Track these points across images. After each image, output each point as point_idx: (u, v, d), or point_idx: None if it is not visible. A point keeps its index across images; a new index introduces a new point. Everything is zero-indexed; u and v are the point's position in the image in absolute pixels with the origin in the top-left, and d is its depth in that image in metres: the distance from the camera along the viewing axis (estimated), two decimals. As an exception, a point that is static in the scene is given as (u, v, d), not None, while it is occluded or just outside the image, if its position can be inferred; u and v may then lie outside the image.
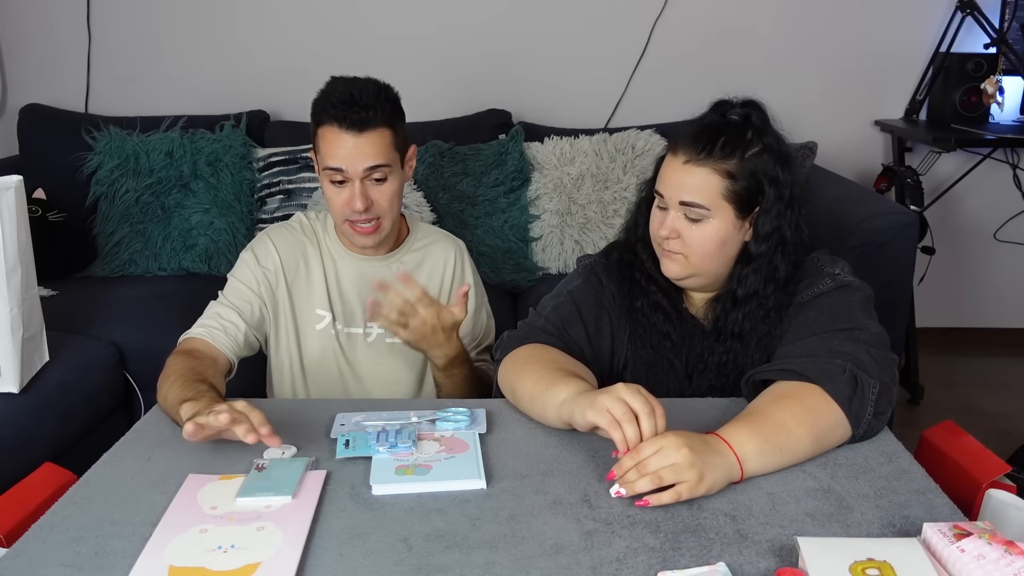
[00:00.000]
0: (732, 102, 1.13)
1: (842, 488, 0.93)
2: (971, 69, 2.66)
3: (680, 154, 1.11)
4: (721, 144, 1.09)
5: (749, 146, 1.10)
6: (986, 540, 0.74)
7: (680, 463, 0.87)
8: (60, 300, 2.06)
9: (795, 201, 1.13)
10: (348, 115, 1.28)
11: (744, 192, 1.10)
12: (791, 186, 1.12)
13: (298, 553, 0.81)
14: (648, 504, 0.88)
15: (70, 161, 2.42)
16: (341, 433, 1.06)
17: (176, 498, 0.92)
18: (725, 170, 1.09)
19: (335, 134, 1.29)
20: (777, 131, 1.14)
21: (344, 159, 1.29)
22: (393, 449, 1.00)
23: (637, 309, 1.20)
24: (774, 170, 1.11)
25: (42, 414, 1.60)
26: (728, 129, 1.10)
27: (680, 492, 0.88)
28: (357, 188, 1.30)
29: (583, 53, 2.75)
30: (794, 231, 1.13)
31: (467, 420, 1.08)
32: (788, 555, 0.81)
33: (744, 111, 1.12)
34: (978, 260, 2.95)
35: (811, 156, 2.39)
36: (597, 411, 0.93)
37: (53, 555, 0.82)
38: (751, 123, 1.11)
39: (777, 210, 1.11)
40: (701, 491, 0.88)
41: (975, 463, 1.00)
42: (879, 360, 1.03)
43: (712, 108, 1.15)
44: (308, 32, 2.71)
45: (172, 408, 1.10)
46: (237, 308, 1.37)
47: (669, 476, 0.87)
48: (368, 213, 1.32)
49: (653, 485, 0.87)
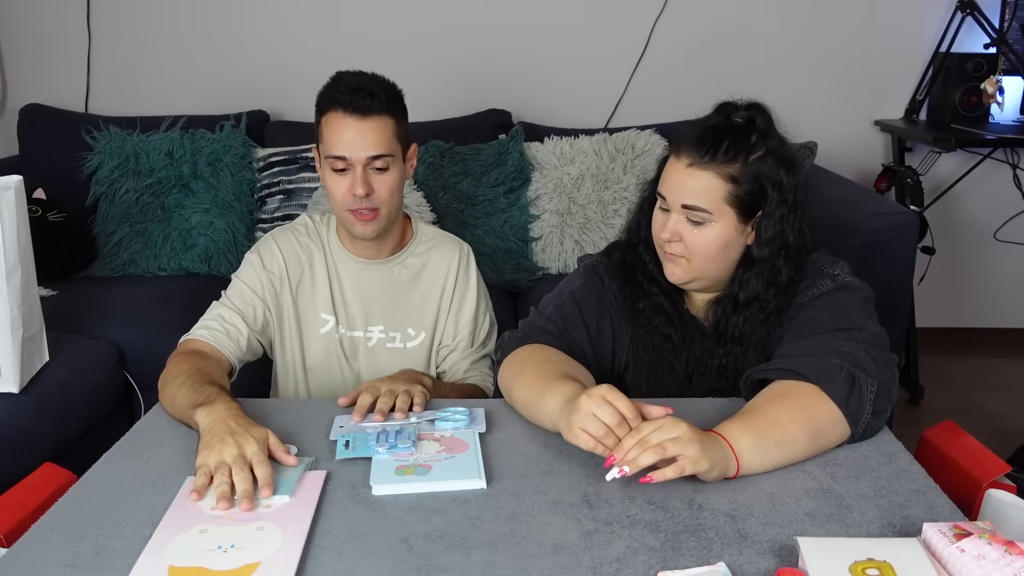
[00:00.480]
0: (736, 104, 1.13)
1: (842, 488, 0.93)
2: (971, 69, 2.66)
3: (683, 156, 1.10)
4: (725, 148, 1.08)
5: (753, 150, 1.09)
6: (986, 540, 0.74)
7: (681, 436, 0.88)
8: (60, 300, 2.06)
9: (798, 205, 1.12)
10: (354, 100, 1.29)
11: (747, 196, 1.10)
12: (794, 190, 1.11)
13: (298, 553, 0.81)
14: (652, 480, 0.88)
15: (70, 161, 2.42)
16: (341, 434, 1.06)
17: (176, 498, 0.91)
18: (728, 174, 1.08)
19: (339, 119, 1.30)
20: (781, 134, 1.13)
21: (347, 145, 1.30)
22: (393, 449, 1.00)
23: (639, 311, 1.20)
24: (778, 174, 1.10)
25: (42, 414, 1.60)
26: (732, 132, 1.10)
27: (683, 466, 0.87)
28: (359, 174, 1.30)
29: (583, 53, 2.75)
30: (797, 235, 1.12)
31: (466, 420, 1.09)
32: (788, 555, 0.81)
33: (748, 114, 1.11)
34: (978, 260, 2.95)
35: (811, 156, 2.39)
36: (574, 435, 0.93)
37: (53, 555, 0.82)
38: (755, 126, 1.11)
39: (780, 214, 1.11)
40: (704, 466, 0.88)
41: (975, 463, 1.00)
42: (878, 359, 1.03)
43: (716, 110, 1.14)
44: (308, 32, 2.71)
45: (183, 411, 1.09)
46: (240, 311, 1.36)
47: (672, 448, 0.88)
48: (368, 201, 1.32)
49: (657, 457, 0.87)
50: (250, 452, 0.95)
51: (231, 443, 0.96)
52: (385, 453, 1.00)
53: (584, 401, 0.93)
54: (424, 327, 1.45)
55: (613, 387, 0.94)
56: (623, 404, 0.92)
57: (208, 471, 0.93)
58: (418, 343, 1.45)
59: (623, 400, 0.93)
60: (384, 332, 1.44)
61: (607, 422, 0.91)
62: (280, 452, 0.99)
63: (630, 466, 0.87)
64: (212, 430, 0.99)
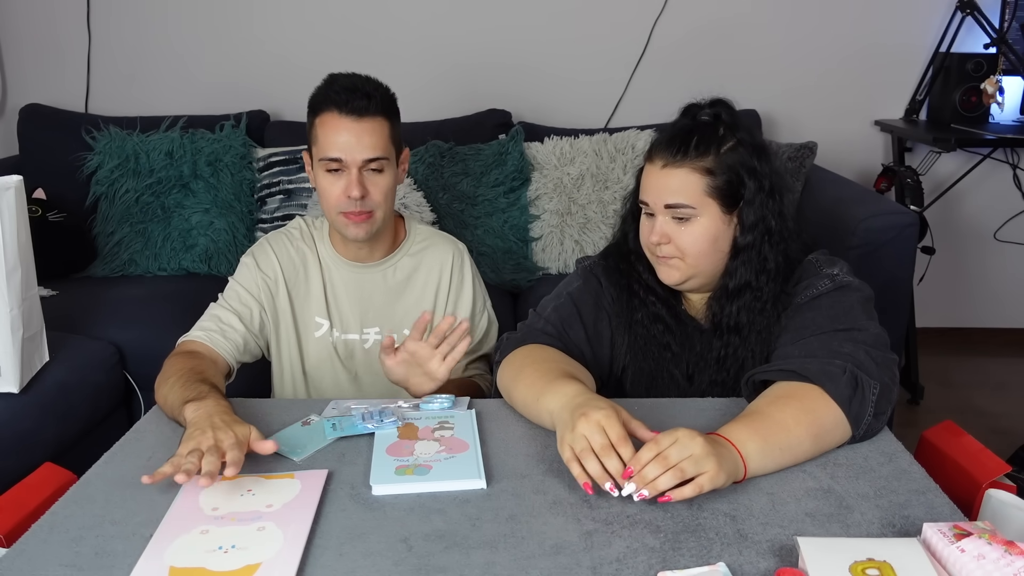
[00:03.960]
0: (700, 104, 1.15)
1: (842, 488, 0.93)
2: (971, 69, 2.66)
3: (657, 160, 1.13)
4: (695, 143, 1.10)
5: (723, 141, 1.12)
6: (986, 540, 0.74)
7: (698, 453, 0.87)
8: (60, 300, 2.06)
9: (775, 190, 1.14)
10: (350, 100, 1.28)
11: (726, 186, 1.11)
12: (770, 176, 1.14)
13: (299, 553, 0.81)
14: (670, 500, 0.87)
15: (70, 161, 2.42)
16: (327, 418, 1.07)
17: (177, 499, 0.91)
18: (703, 167, 1.10)
19: (335, 120, 1.29)
20: (749, 125, 1.16)
21: (342, 146, 1.29)
22: (381, 426, 1.04)
23: (637, 321, 1.20)
24: (751, 161, 1.12)
25: (42, 414, 1.60)
26: (700, 129, 1.12)
27: (702, 484, 0.86)
28: (354, 176, 1.30)
29: (583, 52, 2.75)
30: (778, 220, 1.14)
31: (449, 402, 1.13)
32: (788, 555, 0.81)
33: (713, 110, 1.14)
34: (978, 260, 2.95)
35: (811, 156, 2.38)
36: (562, 449, 0.92)
37: (53, 555, 0.82)
38: (721, 120, 1.13)
39: (759, 200, 1.12)
40: (721, 481, 0.88)
41: (975, 463, 1.00)
42: (879, 361, 1.03)
43: (682, 113, 1.17)
44: (308, 31, 2.71)
45: (174, 409, 1.09)
46: (237, 312, 1.36)
47: (691, 468, 0.86)
48: (362, 204, 1.31)
49: (676, 480, 0.86)
50: (227, 443, 0.95)
51: (210, 435, 0.96)
52: (373, 428, 1.03)
53: (580, 424, 0.91)
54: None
55: (610, 412, 0.92)
56: (615, 432, 0.90)
57: (177, 461, 0.92)
58: (416, 344, 1.45)
59: (616, 428, 0.90)
60: (380, 334, 1.44)
61: (597, 451, 0.89)
62: (259, 446, 0.98)
63: (649, 489, 0.86)
64: (196, 423, 0.99)
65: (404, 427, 1.07)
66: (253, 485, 0.94)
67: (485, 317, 1.50)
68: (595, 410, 0.92)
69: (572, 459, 0.91)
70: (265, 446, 0.98)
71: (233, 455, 0.93)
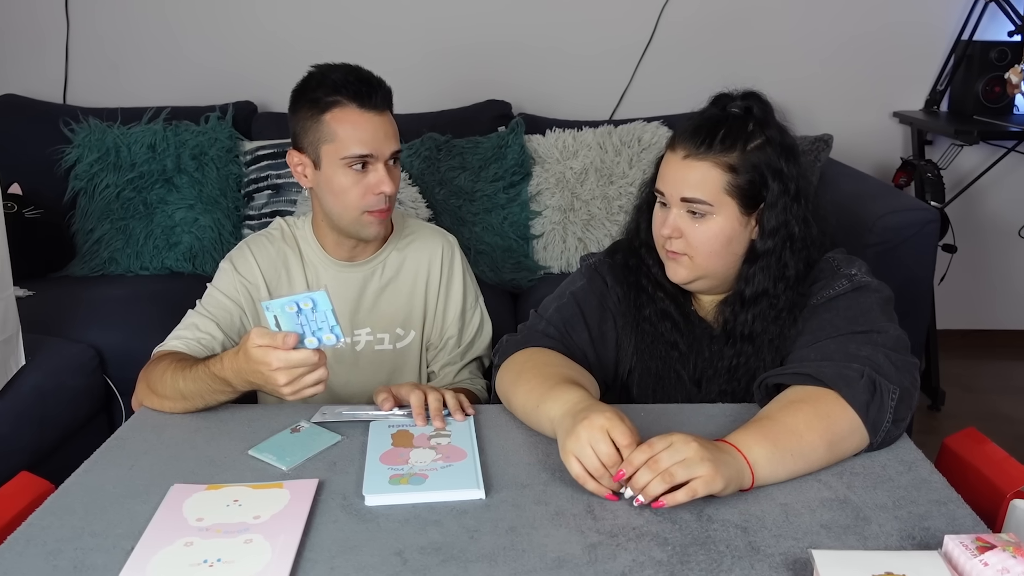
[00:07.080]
0: (732, 95, 1.13)
1: (859, 498, 0.92)
2: (995, 58, 2.61)
3: (679, 149, 1.10)
4: (721, 136, 1.08)
5: (751, 138, 1.09)
6: (1010, 553, 0.73)
7: (691, 457, 0.86)
8: (37, 301, 2.03)
9: (801, 195, 1.11)
10: (370, 93, 1.26)
11: (747, 186, 1.09)
12: (797, 179, 1.11)
13: (287, 567, 0.80)
14: (664, 505, 0.86)
15: (47, 154, 2.38)
16: (267, 304, 0.99)
17: (160, 509, 0.90)
18: (727, 163, 1.08)
19: (355, 115, 1.26)
20: (781, 123, 1.13)
21: (371, 142, 1.27)
22: (378, 418, 1.08)
23: (645, 318, 1.18)
24: (778, 162, 1.09)
25: (18, 421, 1.58)
26: (728, 121, 1.10)
27: (695, 488, 0.86)
28: (383, 171, 1.28)
29: (587, 41, 2.71)
30: (802, 226, 1.11)
31: None
32: (802, 569, 0.80)
33: (745, 103, 1.11)
34: (1002, 258, 2.91)
35: (826, 149, 2.36)
36: (566, 458, 0.91)
37: (30, 569, 0.81)
38: (752, 115, 1.11)
39: (783, 204, 1.10)
40: (718, 486, 0.87)
41: (999, 472, 0.99)
42: (898, 364, 1.01)
43: (712, 102, 1.14)
44: (297, 19, 2.69)
45: (198, 380, 1.09)
46: (215, 317, 1.32)
47: (681, 473, 0.86)
48: (389, 199, 1.31)
49: (665, 485, 0.86)
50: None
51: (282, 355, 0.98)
52: (370, 417, 1.08)
53: (583, 430, 0.90)
54: (413, 325, 1.43)
55: (614, 417, 0.90)
56: (622, 437, 0.89)
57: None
58: (408, 342, 1.43)
59: (623, 432, 0.89)
60: (372, 334, 1.41)
61: (603, 460, 0.89)
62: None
63: (643, 495, 0.86)
64: (256, 358, 1.00)
65: (399, 434, 1.06)
66: (240, 495, 0.93)
67: (477, 314, 1.48)
68: (598, 415, 0.90)
69: (585, 476, 0.89)
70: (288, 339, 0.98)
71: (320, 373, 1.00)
